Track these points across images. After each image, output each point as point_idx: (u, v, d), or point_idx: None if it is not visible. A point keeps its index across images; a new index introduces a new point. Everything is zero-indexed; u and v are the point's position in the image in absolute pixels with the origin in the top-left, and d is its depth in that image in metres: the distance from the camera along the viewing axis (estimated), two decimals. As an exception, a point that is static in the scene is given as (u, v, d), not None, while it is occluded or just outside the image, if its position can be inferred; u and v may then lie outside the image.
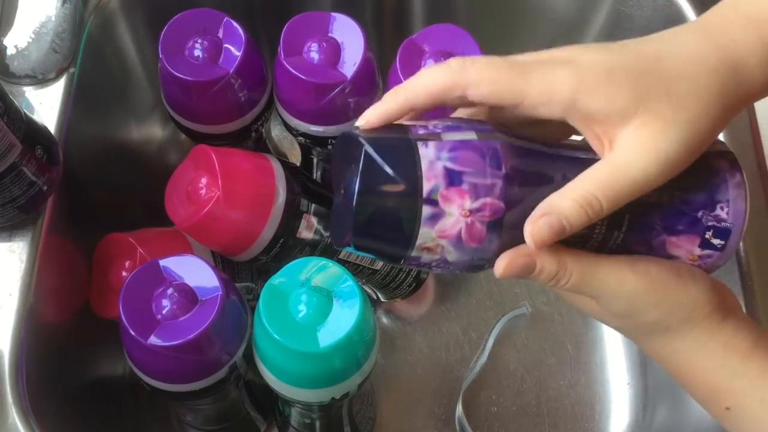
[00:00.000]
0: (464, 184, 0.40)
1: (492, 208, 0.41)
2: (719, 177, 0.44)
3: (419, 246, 0.41)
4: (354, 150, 0.41)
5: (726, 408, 0.45)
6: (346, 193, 0.42)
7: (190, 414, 0.69)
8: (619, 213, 0.42)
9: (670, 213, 0.44)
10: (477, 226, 0.41)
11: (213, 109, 0.64)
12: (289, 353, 0.52)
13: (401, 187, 0.40)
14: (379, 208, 0.40)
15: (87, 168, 0.68)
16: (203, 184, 0.59)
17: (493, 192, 0.40)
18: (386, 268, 0.68)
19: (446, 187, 0.40)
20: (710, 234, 0.44)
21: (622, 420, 0.75)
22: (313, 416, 0.65)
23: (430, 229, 0.40)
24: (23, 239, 0.59)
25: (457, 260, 0.42)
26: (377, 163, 0.40)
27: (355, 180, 0.40)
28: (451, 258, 0.42)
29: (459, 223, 0.40)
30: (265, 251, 0.61)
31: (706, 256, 0.45)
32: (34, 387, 0.57)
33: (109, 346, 0.67)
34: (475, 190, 0.40)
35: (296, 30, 0.62)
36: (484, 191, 0.40)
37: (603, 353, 0.77)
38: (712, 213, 0.44)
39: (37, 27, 0.65)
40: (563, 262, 0.43)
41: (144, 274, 0.55)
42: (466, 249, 0.41)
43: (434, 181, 0.40)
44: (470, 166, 0.40)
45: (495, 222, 0.41)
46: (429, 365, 0.76)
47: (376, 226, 0.41)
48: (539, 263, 0.43)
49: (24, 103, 0.63)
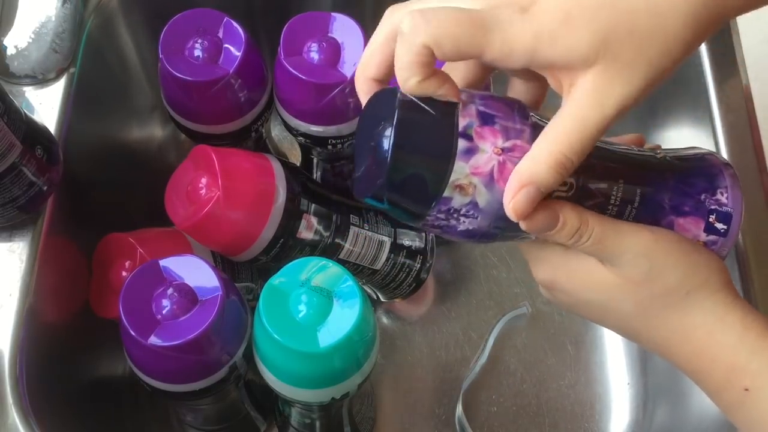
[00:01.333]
0: (496, 125, 0.42)
1: (522, 150, 0.42)
2: (716, 167, 0.47)
3: (453, 183, 0.42)
4: (388, 101, 0.42)
5: (745, 389, 0.44)
6: (379, 141, 0.42)
7: (190, 414, 0.69)
8: (631, 186, 0.45)
9: (677, 193, 0.46)
10: (508, 166, 0.42)
11: (213, 109, 0.64)
12: (289, 353, 0.52)
13: (438, 121, 0.41)
14: (415, 143, 0.41)
15: (87, 168, 0.68)
16: (203, 184, 0.59)
17: (522, 136, 0.42)
18: (386, 267, 0.68)
19: (480, 125, 0.42)
20: (713, 218, 0.46)
21: (622, 420, 0.75)
22: (313, 416, 0.65)
23: (464, 163, 0.41)
24: (23, 239, 0.59)
25: (486, 206, 0.42)
26: (413, 101, 0.41)
27: (393, 119, 0.41)
28: (482, 202, 0.42)
29: (492, 160, 0.42)
30: (265, 251, 0.61)
31: (710, 242, 0.47)
32: (34, 387, 0.57)
33: (109, 346, 0.67)
34: (506, 132, 0.42)
35: (296, 30, 0.62)
36: (515, 134, 0.42)
37: (603, 353, 0.77)
38: (713, 197, 0.46)
39: (37, 27, 0.65)
40: (585, 218, 0.43)
41: (144, 274, 0.55)
42: (496, 192, 0.42)
43: (469, 118, 0.42)
44: (500, 112, 0.42)
45: None
46: (429, 365, 0.76)
47: (411, 163, 0.41)
48: (562, 217, 0.43)
49: (24, 103, 0.63)
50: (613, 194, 0.45)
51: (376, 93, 0.45)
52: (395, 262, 0.68)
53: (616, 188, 0.45)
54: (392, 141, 0.41)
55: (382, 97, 0.44)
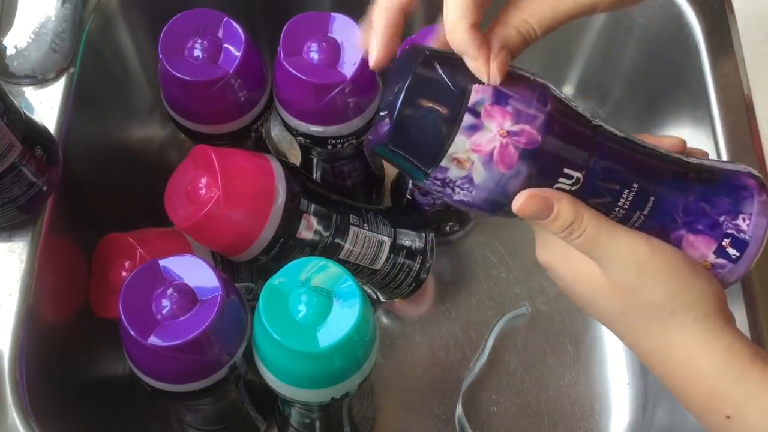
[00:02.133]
0: (509, 106, 0.42)
1: (529, 137, 0.42)
2: (747, 191, 0.45)
3: (451, 155, 0.42)
4: (414, 58, 0.42)
5: (726, 417, 0.44)
6: (394, 95, 0.42)
7: (190, 414, 0.69)
8: (645, 193, 0.44)
9: (694, 209, 0.45)
10: (510, 150, 0.42)
11: (213, 109, 0.64)
12: (289, 353, 0.52)
13: (450, 90, 0.41)
14: (423, 103, 0.41)
15: (87, 168, 0.68)
16: (203, 184, 0.59)
17: (534, 122, 0.42)
18: (386, 267, 0.68)
19: (491, 104, 0.41)
20: (727, 242, 0.45)
21: (622, 420, 0.75)
22: (313, 416, 0.65)
23: (466, 138, 0.41)
24: (23, 239, 0.59)
25: (481, 184, 0.42)
26: (434, 65, 0.41)
27: (410, 74, 0.41)
28: (477, 179, 0.42)
29: (494, 141, 0.42)
30: (265, 251, 0.61)
31: (718, 265, 0.45)
32: (34, 387, 0.57)
33: (109, 346, 0.67)
34: (518, 115, 0.42)
35: (296, 30, 0.62)
36: (526, 119, 0.42)
37: (603, 353, 0.77)
38: (733, 221, 0.45)
39: (37, 27, 0.65)
40: (580, 213, 0.43)
41: (144, 274, 0.55)
42: (493, 172, 0.42)
43: (482, 94, 0.41)
44: (518, 93, 0.42)
45: (527, 152, 0.42)
46: (429, 365, 0.76)
47: (416, 122, 0.41)
48: (557, 207, 0.43)
49: (24, 103, 0.63)
50: (623, 197, 0.44)
51: (411, 47, 0.44)
52: (395, 262, 0.68)
53: (627, 192, 0.44)
54: (402, 96, 0.41)
55: (412, 53, 0.43)
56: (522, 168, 0.42)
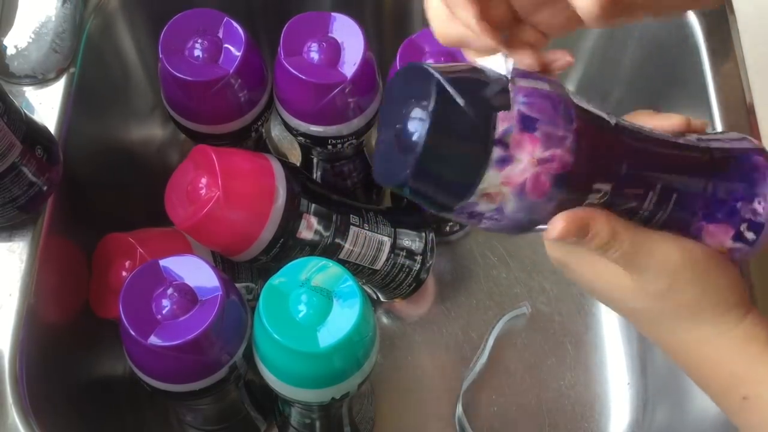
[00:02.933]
0: (537, 131, 0.39)
1: (561, 161, 0.39)
2: (759, 172, 0.45)
3: (481, 191, 0.39)
4: (422, 83, 0.39)
5: (743, 397, 0.45)
6: (407, 127, 0.39)
7: (190, 414, 0.69)
8: (669, 189, 0.43)
9: (713, 199, 0.44)
10: (542, 179, 0.39)
11: (213, 109, 0.64)
12: (289, 353, 0.52)
13: (474, 122, 0.38)
14: (447, 143, 0.38)
15: (87, 168, 0.68)
16: (203, 184, 0.59)
17: (563, 144, 0.39)
18: (386, 267, 0.68)
19: (519, 132, 0.39)
20: (745, 226, 0.44)
21: (622, 420, 0.75)
22: (313, 416, 0.65)
23: (496, 173, 0.39)
24: (23, 239, 0.59)
25: (511, 213, 0.40)
26: (451, 96, 0.38)
27: (426, 111, 0.38)
28: (508, 210, 0.40)
29: (526, 171, 0.39)
30: (265, 251, 0.61)
31: (736, 249, 0.45)
32: (34, 387, 0.57)
33: (109, 346, 0.67)
34: (547, 140, 0.39)
35: (296, 30, 0.62)
36: (555, 142, 0.39)
37: (603, 353, 0.77)
38: (750, 205, 0.44)
39: (37, 27, 0.65)
40: (617, 230, 0.42)
41: (144, 274, 0.55)
42: (525, 202, 0.40)
43: (508, 123, 0.39)
44: (544, 114, 0.39)
45: (560, 176, 0.40)
46: (429, 365, 0.76)
47: (440, 163, 0.39)
48: (593, 228, 0.42)
49: (24, 103, 0.63)
50: (648, 200, 0.43)
51: (409, 66, 0.41)
52: (395, 262, 0.68)
53: (651, 194, 0.43)
54: (424, 139, 0.38)
55: (415, 74, 0.40)
56: (554, 193, 0.40)
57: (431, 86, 0.38)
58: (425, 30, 0.62)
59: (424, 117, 0.38)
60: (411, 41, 0.62)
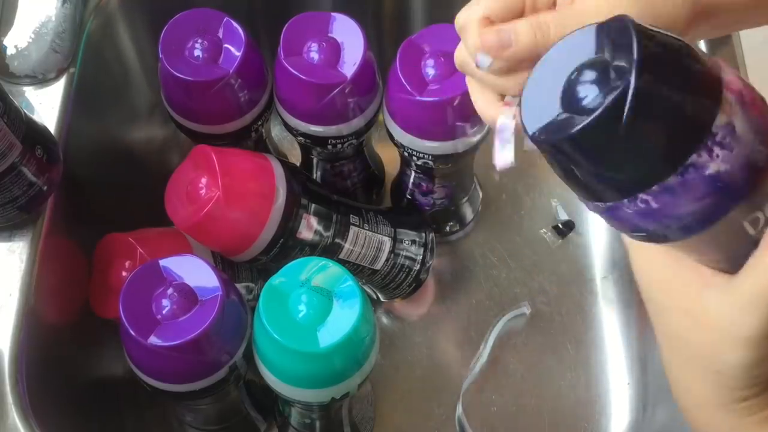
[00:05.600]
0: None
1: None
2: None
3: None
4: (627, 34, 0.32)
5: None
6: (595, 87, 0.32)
7: (190, 414, 0.69)
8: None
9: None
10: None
11: (213, 109, 0.64)
12: (289, 353, 0.52)
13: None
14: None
15: (87, 168, 0.68)
16: (203, 184, 0.59)
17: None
18: (386, 267, 0.68)
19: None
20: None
21: (622, 420, 0.75)
22: (313, 416, 0.65)
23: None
24: (23, 239, 0.59)
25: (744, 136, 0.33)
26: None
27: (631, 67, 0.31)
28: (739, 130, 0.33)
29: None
30: (265, 251, 0.61)
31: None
32: (34, 387, 0.57)
33: (109, 346, 0.67)
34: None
35: (296, 30, 0.62)
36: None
37: (603, 353, 0.77)
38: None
39: (37, 27, 0.65)
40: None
41: (144, 274, 0.55)
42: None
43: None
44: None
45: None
46: (429, 365, 0.76)
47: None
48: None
49: (24, 103, 0.63)
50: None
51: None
52: (395, 262, 0.68)
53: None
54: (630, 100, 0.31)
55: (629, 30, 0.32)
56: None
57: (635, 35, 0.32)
58: (425, 30, 0.62)
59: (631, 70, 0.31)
60: (411, 41, 0.62)
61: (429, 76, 0.60)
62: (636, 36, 0.32)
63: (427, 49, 0.62)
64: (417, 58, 0.61)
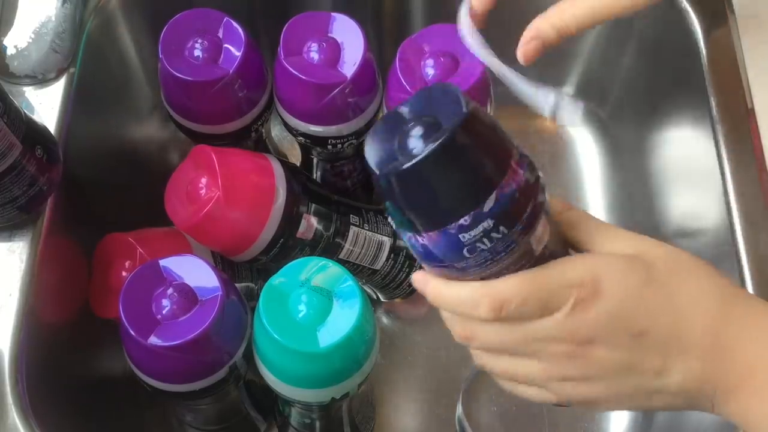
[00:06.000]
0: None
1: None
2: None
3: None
4: (453, 111, 0.39)
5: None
6: (419, 138, 0.39)
7: (190, 414, 0.69)
8: None
9: None
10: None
11: (213, 109, 0.64)
12: (289, 353, 0.52)
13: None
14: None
15: (87, 168, 0.68)
16: (203, 184, 0.59)
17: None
18: (386, 267, 0.68)
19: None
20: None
21: (622, 420, 0.75)
22: (313, 416, 0.65)
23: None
24: (23, 239, 0.59)
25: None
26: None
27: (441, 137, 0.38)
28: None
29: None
30: (265, 251, 0.61)
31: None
32: (34, 387, 0.57)
33: (109, 346, 0.67)
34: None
35: (296, 30, 0.62)
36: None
37: (603, 353, 0.77)
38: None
39: (37, 27, 0.65)
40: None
41: (144, 274, 0.55)
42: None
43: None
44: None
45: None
46: (429, 365, 0.76)
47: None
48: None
49: (24, 103, 0.63)
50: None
51: (437, 85, 0.42)
52: (395, 262, 0.68)
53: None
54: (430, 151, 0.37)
55: (447, 96, 0.40)
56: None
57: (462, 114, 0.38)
58: (425, 30, 0.62)
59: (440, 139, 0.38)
60: (411, 41, 0.62)
61: (429, 76, 0.60)
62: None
63: (427, 49, 0.62)
64: (417, 58, 0.61)
